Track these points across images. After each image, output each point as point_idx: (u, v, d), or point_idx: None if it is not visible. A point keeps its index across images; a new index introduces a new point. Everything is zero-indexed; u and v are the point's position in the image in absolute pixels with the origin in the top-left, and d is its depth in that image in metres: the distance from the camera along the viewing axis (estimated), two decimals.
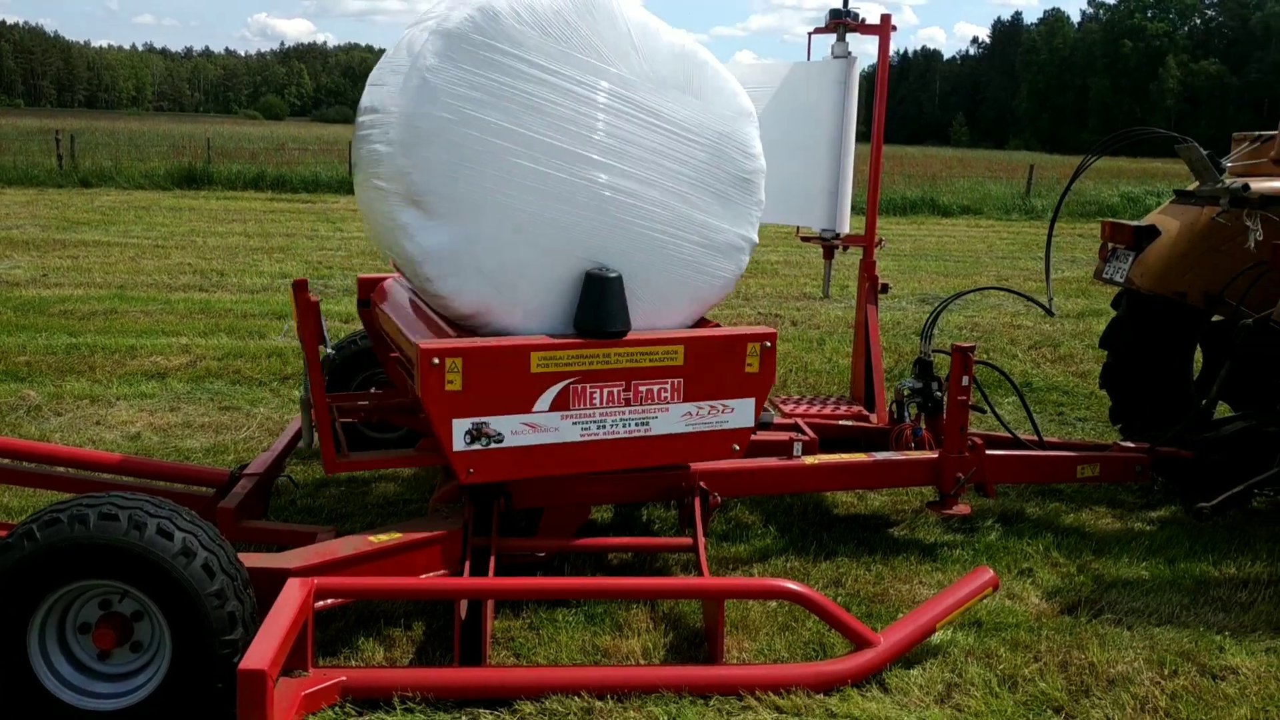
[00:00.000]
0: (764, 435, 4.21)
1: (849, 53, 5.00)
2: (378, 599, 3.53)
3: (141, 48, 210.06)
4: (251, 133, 45.19)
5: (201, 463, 4.98)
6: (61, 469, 4.11)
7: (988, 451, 4.30)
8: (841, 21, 5.00)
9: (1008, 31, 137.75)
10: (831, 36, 5.06)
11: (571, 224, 3.32)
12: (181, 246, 12.93)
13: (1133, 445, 4.76)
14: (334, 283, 10.49)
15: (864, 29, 5.02)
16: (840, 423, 4.95)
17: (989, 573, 3.60)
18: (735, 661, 3.33)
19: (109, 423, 5.69)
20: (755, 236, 3.72)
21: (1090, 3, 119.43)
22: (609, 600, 3.65)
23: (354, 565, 3.15)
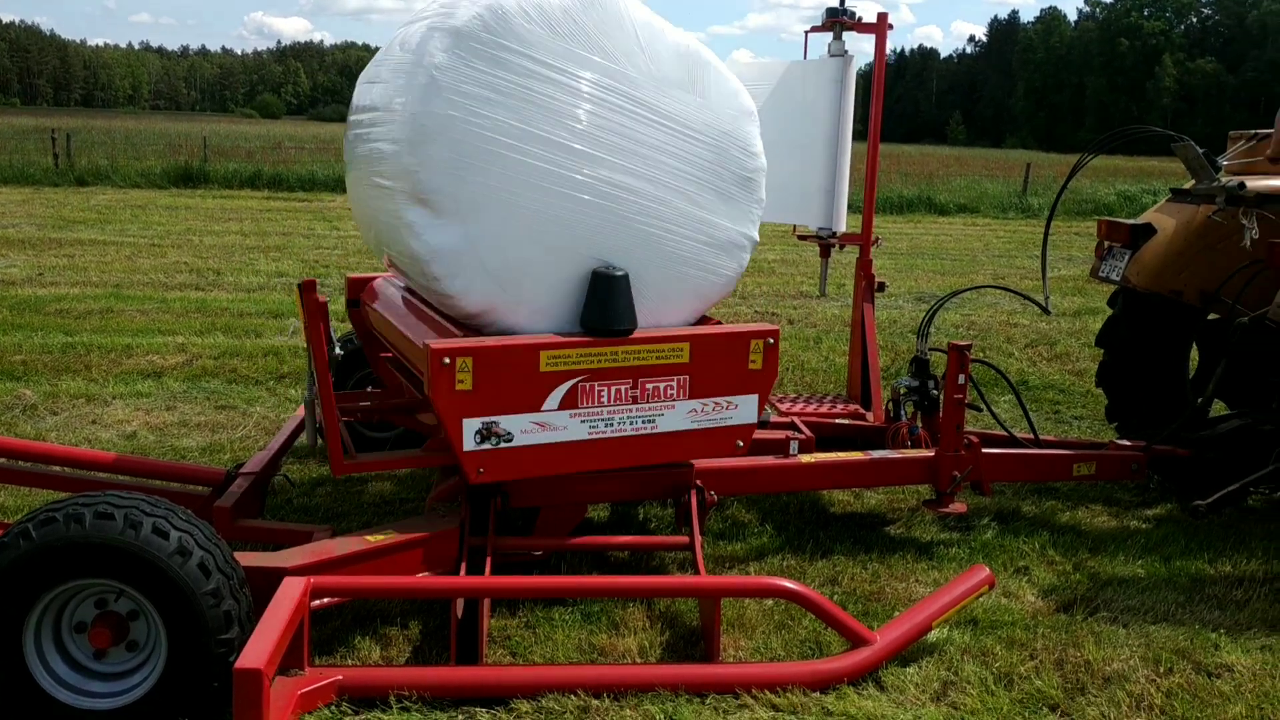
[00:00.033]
0: (761, 434, 4.22)
1: (845, 51, 5.01)
2: (374, 598, 3.53)
3: (138, 46, 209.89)
4: (248, 131, 45.14)
5: (198, 462, 4.98)
6: (57, 468, 4.11)
7: (984, 450, 4.31)
8: (838, 20, 5.01)
9: (1004, 30, 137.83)
10: (828, 35, 5.07)
11: (577, 222, 3.32)
12: (178, 245, 12.91)
13: (1129, 443, 4.76)
14: (330, 281, 10.48)
15: (861, 27, 5.02)
16: (837, 421, 4.95)
17: (985, 571, 3.61)
18: (731, 660, 3.33)
19: (105, 422, 5.68)
20: (756, 235, 3.73)
21: (1087, 1, 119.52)
22: (605, 599, 3.65)
23: (350, 564, 3.15)
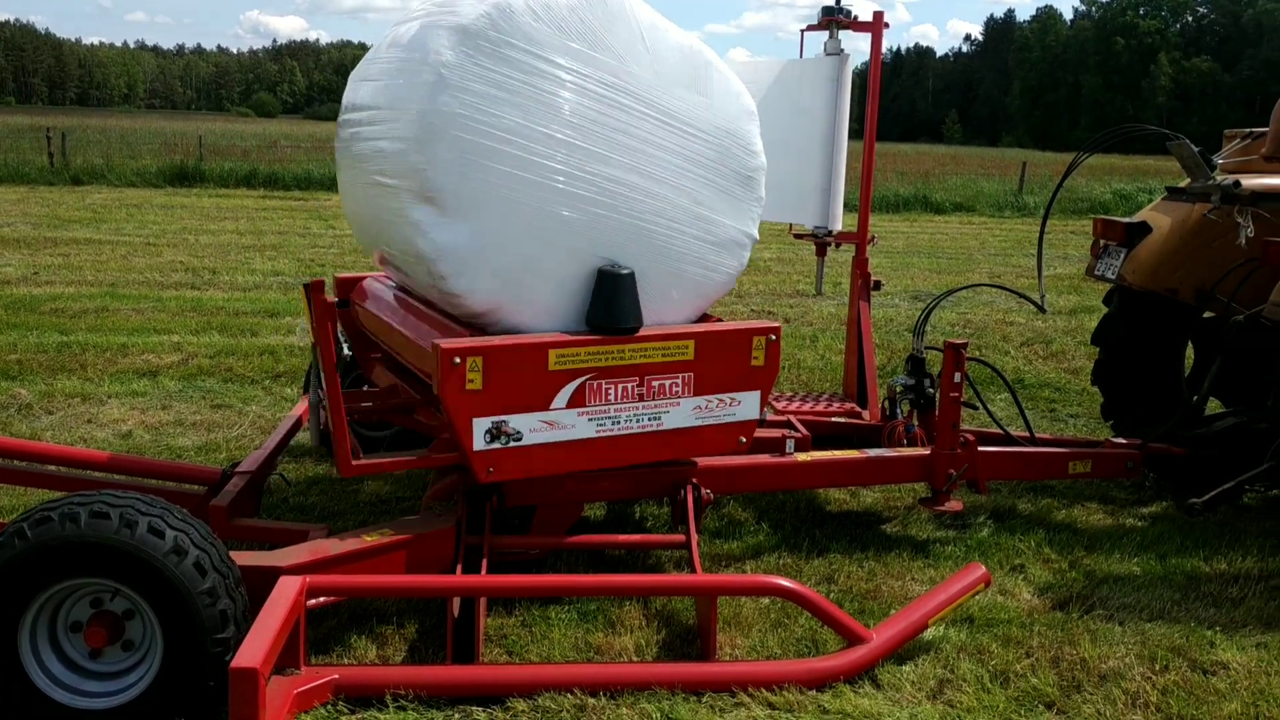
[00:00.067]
0: (757, 432, 4.21)
1: (842, 50, 5.00)
2: (370, 597, 3.52)
3: (133, 45, 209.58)
4: (244, 130, 45.07)
5: (193, 461, 4.97)
6: (53, 467, 4.11)
7: (980, 448, 4.31)
8: (834, 19, 5.01)
9: (1000, 29, 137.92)
10: (824, 34, 5.07)
11: (583, 220, 3.33)
12: (173, 244, 12.89)
13: (1124, 442, 4.77)
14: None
15: (857, 26, 5.02)
16: (833, 420, 4.95)
17: (981, 569, 3.61)
18: (728, 658, 3.32)
19: (100, 421, 5.67)
20: (756, 233, 3.76)
21: (1082, 0, 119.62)
22: (602, 597, 3.65)
23: (346, 563, 3.14)
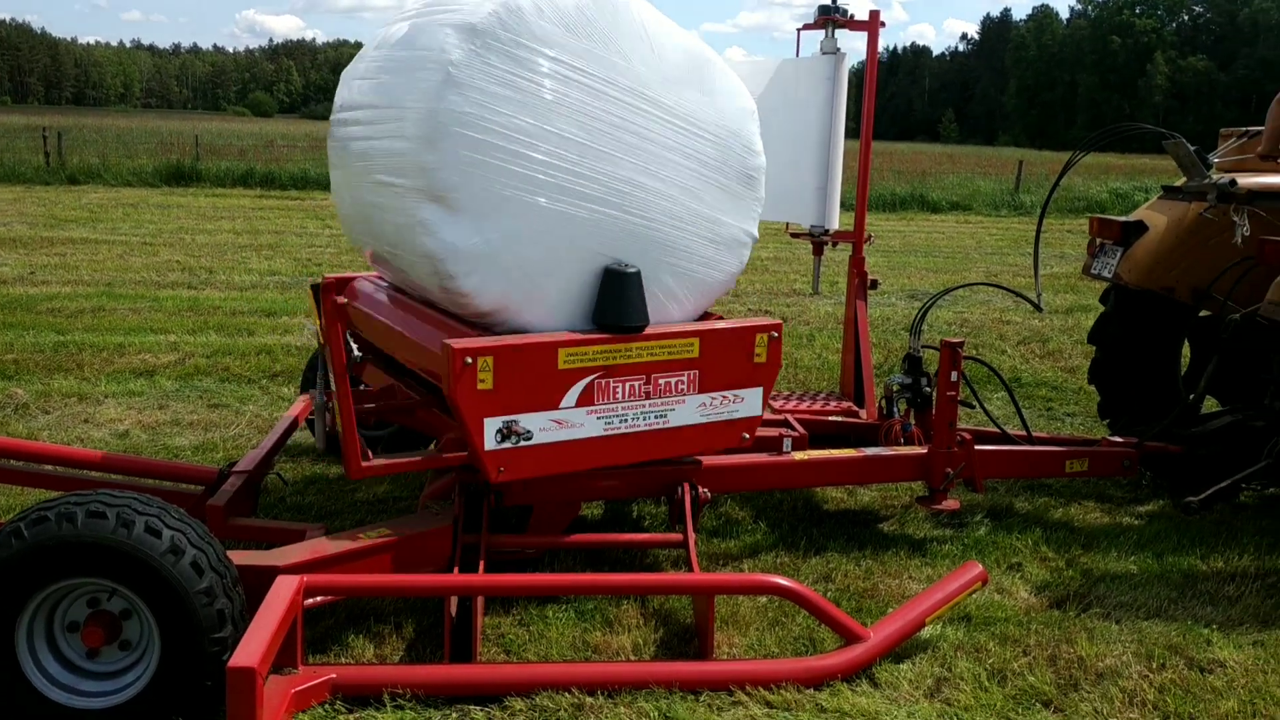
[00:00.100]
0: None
1: (838, 49, 5.00)
2: (367, 596, 3.52)
3: (129, 44, 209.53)
4: (240, 130, 44.98)
5: (190, 460, 4.96)
6: (49, 467, 4.10)
7: (976, 447, 4.32)
8: (830, 18, 5.01)
9: (997, 28, 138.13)
10: (820, 33, 5.06)
11: (590, 219, 3.34)
12: (170, 244, 12.87)
13: (1121, 440, 4.77)
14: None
15: (853, 25, 5.02)
16: (830, 418, 4.96)
17: (978, 567, 3.61)
18: (725, 657, 3.33)
19: (97, 420, 5.66)
20: (756, 232, 3.78)
21: None
22: (599, 596, 3.65)
23: (343, 562, 3.14)
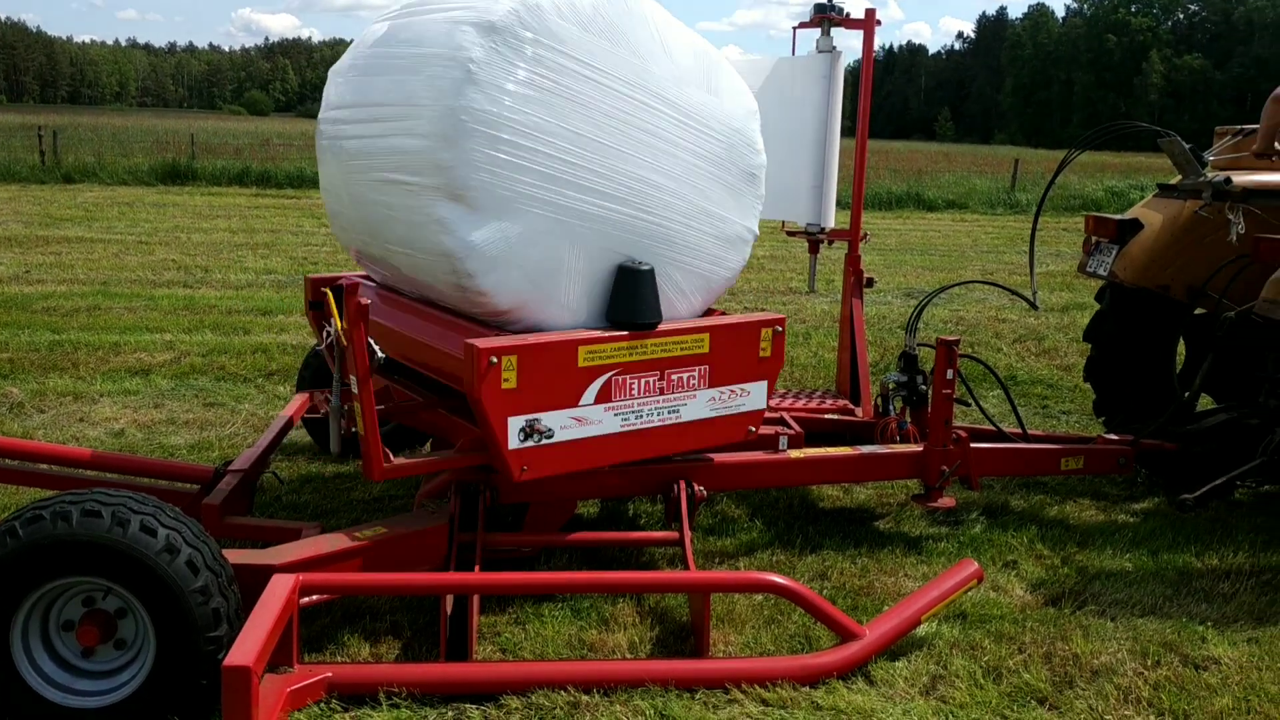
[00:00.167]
0: None
1: (834, 47, 5.00)
2: (363, 595, 3.52)
3: (125, 43, 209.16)
4: (236, 128, 44.86)
5: (186, 459, 4.96)
6: (44, 466, 4.09)
7: (972, 445, 4.33)
8: (826, 16, 5.01)
9: (993, 26, 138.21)
10: (816, 31, 5.07)
11: (605, 217, 3.37)
12: (165, 243, 12.86)
13: (1116, 438, 4.78)
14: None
15: (849, 23, 5.03)
16: (826, 416, 4.96)
17: (974, 565, 3.62)
18: (721, 655, 3.33)
19: (92, 419, 5.65)
20: (757, 229, 3.83)
21: None
22: (595, 594, 3.65)
23: (339, 561, 3.14)
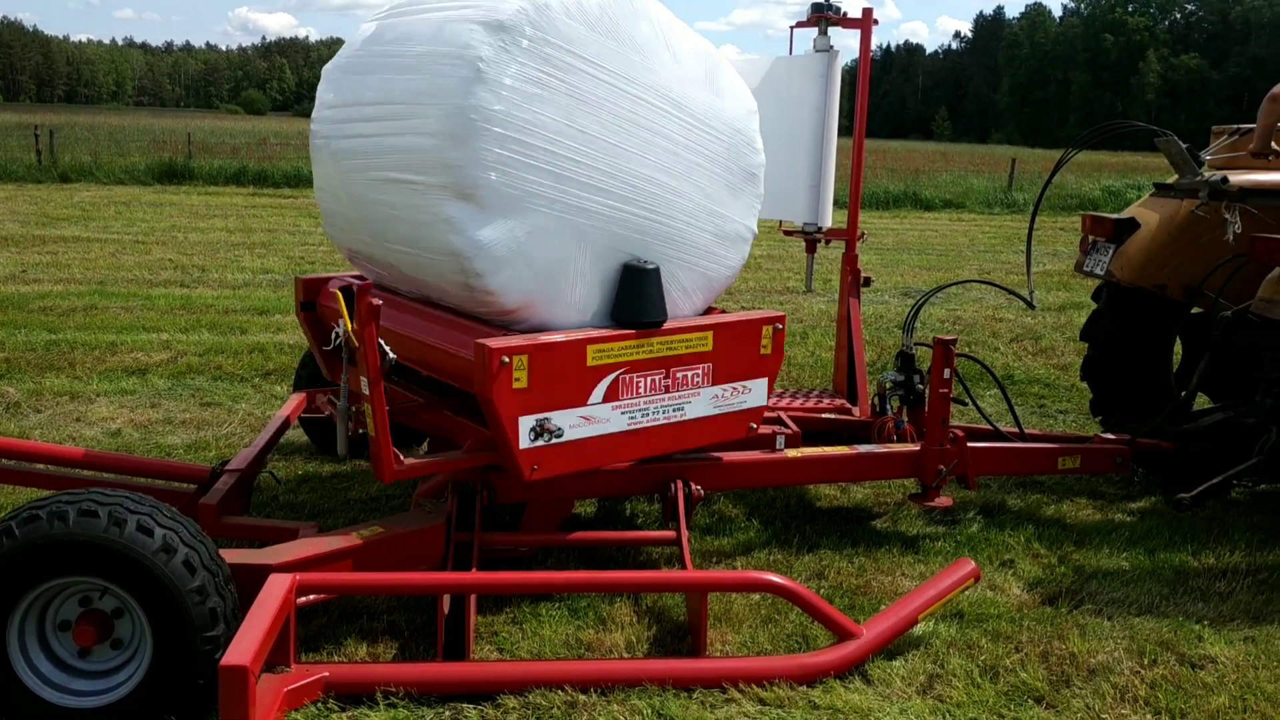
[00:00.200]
0: None
1: (831, 47, 5.01)
2: (360, 594, 3.52)
3: (121, 42, 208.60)
4: (233, 128, 44.80)
5: (183, 459, 4.95)
6: (41, 466, 4.09)
7: (969, 444, 4.33)
8: (823, 15, 5.01)
9: (990, 26, 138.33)
10: (813, 30, 5.07)
11: (612, 215, 3.38)
12: (162, 242, 12.84)
13: (1113, 437, 4.79)
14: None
15: (846, 23, 5.03)
16: (823, 416, 4.96)
17: (970, 564, 3.62)
18: (718, 654, 3.33)
19: (89, 419, 5.65)
20: (756, 227, 3.85)
21: None
22: (592, 594, 3.65)
23: (336, 560, 3.14)
